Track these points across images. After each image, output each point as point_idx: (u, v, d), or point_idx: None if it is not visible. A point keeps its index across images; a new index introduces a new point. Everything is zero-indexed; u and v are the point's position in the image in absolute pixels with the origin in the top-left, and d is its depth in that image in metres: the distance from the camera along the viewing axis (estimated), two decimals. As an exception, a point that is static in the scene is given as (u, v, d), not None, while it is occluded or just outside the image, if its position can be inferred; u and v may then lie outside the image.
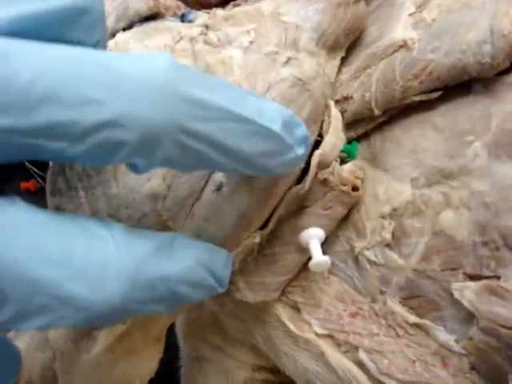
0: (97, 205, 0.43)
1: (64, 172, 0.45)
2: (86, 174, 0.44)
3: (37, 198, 0.89)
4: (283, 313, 0.50)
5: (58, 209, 0.44)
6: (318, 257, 0.43)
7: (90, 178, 0.44)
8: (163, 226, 0.43)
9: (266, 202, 0.44)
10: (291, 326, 0.49)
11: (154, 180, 0.42)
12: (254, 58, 0.44)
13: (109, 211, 0.43)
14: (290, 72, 0.44)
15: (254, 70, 0.44)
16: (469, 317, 0.41)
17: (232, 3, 0.50)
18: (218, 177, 0.43)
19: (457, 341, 0.43)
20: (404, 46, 0.45)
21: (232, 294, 0.49)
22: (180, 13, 0.49)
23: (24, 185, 0.89)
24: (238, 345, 0.58)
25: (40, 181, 0.88)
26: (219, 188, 0.43)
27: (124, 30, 0.49)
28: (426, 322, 0.44)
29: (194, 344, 0.63)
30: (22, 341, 0.46)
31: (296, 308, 0.49)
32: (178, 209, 0.43)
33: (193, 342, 0.63)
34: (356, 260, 0.47)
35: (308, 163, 0.45)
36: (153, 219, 0.43)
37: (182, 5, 0.52)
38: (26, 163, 0.89)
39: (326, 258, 0.43)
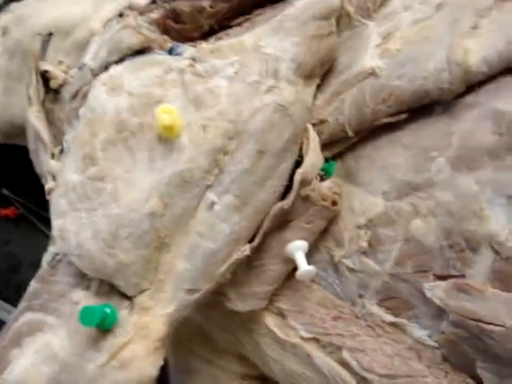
0: (98, 225, 0.47)
1: (67, 194, 0.48)
2: (87, 197, 0.48)
3: (15, 223, 0.91)
4: (270, 320, 0.53)
5: (62, 230, 0.48)
6: (304, 267, 0.48)
7: (91, 200, 0.48)
8: (161, 243, 0.47)
9: (253, 218, 0.48)
10: (278, 332, 0.53)
11: (153, 199, 0.46)
12: (238, 86, 0.48)
13: (110, 230, 0.46)
14: (272, 99, 0.48)
15: (239, 98, 0.48)
16: (439, 313, 0.46)
17: (214, 37, 0.55)
18: (210, 196, 0.47)
19: (430, 336, 0.47)
20: (372, 73, 0.51)
21: (223, 304, 0.52)
22: (168, 46, 0.53)
23: (3, 211, 0.90)
24: (226, 355, 0.61)
25: (19, 207, 0.90)
26: (211, 206, 0.47)
27: (116, 62, 0.53)
28: (401, 320, 0.48)
29: (182, 356, 0.65)
30: (27, 357, 0.48)
31: (282, 315, 0.53)
32: (175, 226, 0.47)
33: (181, 354, 0.65)
34: (336, 268, 0.52)
35: (290, 181, 0.50)
36: (151, 237, 0.46)
37: (167, 38, 0.56)
38: (4, 190, 0.91)
39: (312, 268, 0.48)
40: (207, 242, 0.47)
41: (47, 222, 0.88)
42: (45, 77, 0.61)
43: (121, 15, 0.63)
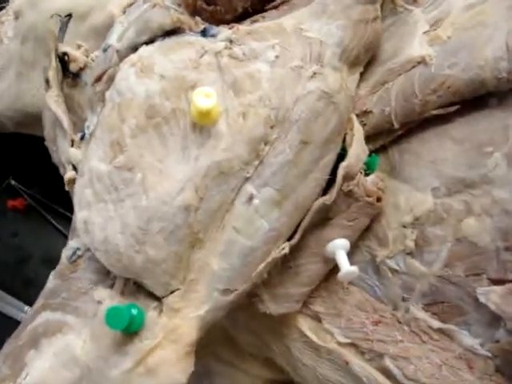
0: (127, 218, 0.42)
1: (92, 184, 0.43)
2: (114, 187, 0.43)
3: (24, 216, 0.86)
4: (304, 324, 0.49)
5: (86, 223, 0.42)
6: (347, 267, 0.43)
7: (118, 190, 0.42)
8: (195, 239, 0.42)
9: (294, 213, 0.43)
10: (313, 337, 0.48)
11: (187, 192, 0.41)
12: (280, 71, 0.44)
13: (139, 224, 0.41)
14: (316, 85, 0.43)
15: (282, 84, 0.43)
16: (494, 320, 0.42)
17: (250, 19, 0.50)
18: (249, 188, 0.42)
19: (481, 344, 0.43)
20: (422, 61, 0.46)
21: (251, 306, 0.47)
22: (201, 28, 0.48)
23: (11, 203, 0.85)
24: (251, 359, 0.57)
25: (28, 199, 0.85)
26: (250, 200, 0.43)
27: (146, 43, 0.48)
28: (450, 326, 0.44)
29: (202, 360, 0.60)
30: (45, 360, 0.43)
31: (317, 318, 0.48)
32: (210, 221, 0.42)
33: (202, 358, 0.61)
34: (377, 269, 0.47)
35: (333, 175, 0.45)
36: (184, 232, 0.41)
37: (199, 19, 0.51)
38: (13, 181, 0.86)
39: (354, 268, 0.43)
40: (244, 239, 0.42)
41: (56, 214, 0.84)
42: (63, 60, 0.55)
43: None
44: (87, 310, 0.44)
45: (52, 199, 0.83)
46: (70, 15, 0.58)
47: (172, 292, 0.43)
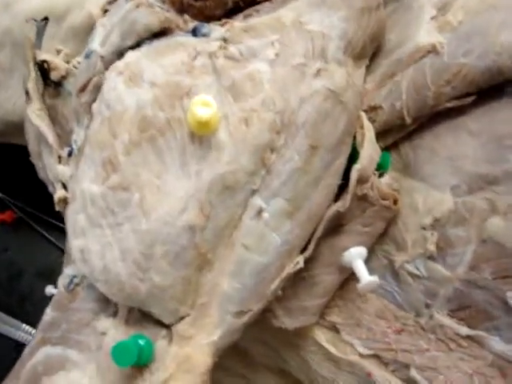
0: (126, 244, 0.38)
1: (85, 209, 0.39)
2: (110, 210, 0.38)
3: (14, 229, 0.81)
4: (321, 335, 0.45)
5: (83, 252, 0.38)
6: (366, 278, 0.39)
7: (114, 213, 0.38)
8: (203, 260, 0.38)
9: (307, 224, 0.40)
10: (331, 349, 0.45)
11: (191, 210, 0.37)
12: (282, 71, 0.39)
13: (141, 249, 0.37)
14: (322, 84, 0.39)
15: (285, 84, 0.39)
16: (526, 325, 0.39)
17: (242, 14, 0.45)
18: (257, 201, 0.38)
19: (514, 350, 0.40)
20: (432, 50, 0.42)
21: (266, 321, 0.44)
22: (191, 26, 0.44)
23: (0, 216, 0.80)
24: (264, 370, 0.53)
25: (17, 211, 0.80)
26: (259, 213, 0.39)
27: (132, 48, 0.43)
28: (479, 333, 0.40)
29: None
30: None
31: (335, 329, 0.45)
32: (217, 240, 0.38)
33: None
34: (395, 274, 0.44)
35: (344, 179, 0.41)
36: (191, 253, 0.37)
37: (188, 17, 0.46)
38: (0, 193, 0.81)
39: (375, 279, 0.39)
40: (256, 256, 0.38)
41: (47, 225, 0.79)
42: (43, 68, 0.51)
43: (126, -6, 0.53)
44: (90, 343, 0.40)
45: (41, 210, 0.79)
46: (46, 19, 0.53)
47: (181, 318, 0.39)
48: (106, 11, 0.59)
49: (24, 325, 0.73)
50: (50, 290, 0.73)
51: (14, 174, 0.79)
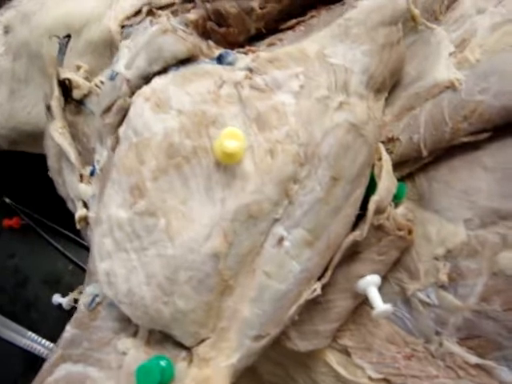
0: (152, 268, 0.38)
1: (112, 233, 0.39)
2: (136, 235, 0.39)
3: (21, 235, 0.81)
4: (332, 358, 0.46)
5: (109, 275, 0.39)
6: (381, 306, 0.40)
7: (140, 238, 0.39)
8: (225, 286, 0.39)
9: (325, 252, 0.41)
10: (342, 372, 0.46)
11: (215, 238, 0.38)
12: (306, 103, 0.40)
13: (165, 274, 0.38)
14: (344, 117, 0.40)
15: (309, 117, 0.40)
16: (534, 356, 0.40)
17: (266, 42, 0.46)
18: (279, 230, 0.39)
19: (522, 380, 0.41)
20: (451, 86, 0.43)
21: (280, 341, 0.45)
22: (216, 54, 0.44)
23: (7, 222, 0.80)
24: (272, 389, 0.54)
25: (24, 217, 0.80)
26: (280, 242, 0.40)
27: (159, 73, 0.44)
28: (488, 362, 0.42)
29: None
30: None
31: (346, 352, 0.46)
32: (240, 267, 0.39)
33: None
34: (407, 301, 0.45)
35: (362, 208, 0.42)
36: (214, 280, 0.38)
37: (212, 44, 0.47)
38: (7, 199, 0.81)
39: (389, 307, 0.40)
40: (275, 283, 0.39)
41: (54, 233, 0.80)
42: (65, 85, 0.51)
43: (149, 13, 0.54)
44: (111, 362, 0.41)
45: (49, 217, 0.79)
46: (69, 36, 0.54)
47: (202, 341, 0.40)
48: (123, 26, 0.60)
49: (29, 332, 0.73)
50: (56, 298, 0.74)
51: (22, 181, 0.80)
